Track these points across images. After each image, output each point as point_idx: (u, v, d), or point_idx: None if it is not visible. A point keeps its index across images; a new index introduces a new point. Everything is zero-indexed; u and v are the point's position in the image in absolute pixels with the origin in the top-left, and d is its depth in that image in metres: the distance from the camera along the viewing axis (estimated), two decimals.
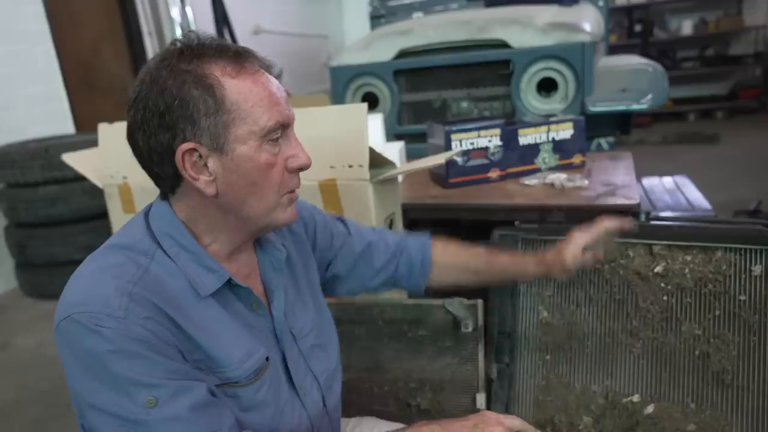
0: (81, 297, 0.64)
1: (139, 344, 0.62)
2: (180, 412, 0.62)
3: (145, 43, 4.33)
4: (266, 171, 0.70)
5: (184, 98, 0.66)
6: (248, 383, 0.73)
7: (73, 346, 0.63)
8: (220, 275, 0.72)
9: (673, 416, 1.11)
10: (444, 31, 2.22)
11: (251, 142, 0.68)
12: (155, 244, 0.71)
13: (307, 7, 6.94)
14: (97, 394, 0.63)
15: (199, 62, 0.67)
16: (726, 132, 5.49)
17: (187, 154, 0.67)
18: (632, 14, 6.61)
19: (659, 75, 2.11)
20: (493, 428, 0.70)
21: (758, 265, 1.06)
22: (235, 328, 0.74)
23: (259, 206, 0.72)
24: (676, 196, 1.96)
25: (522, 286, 1.26)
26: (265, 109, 0.69)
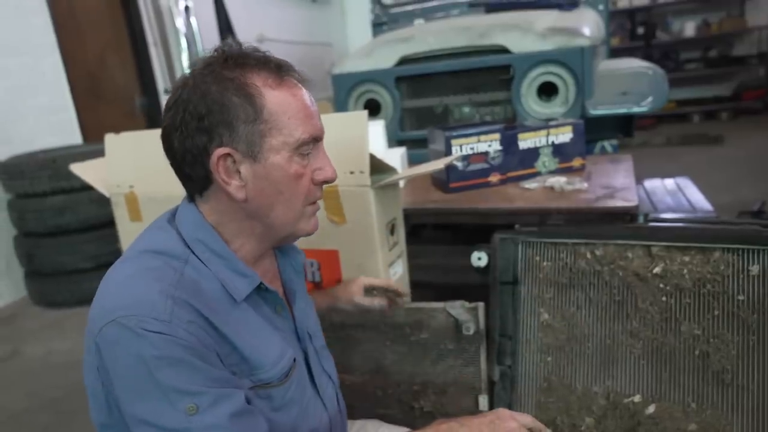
0: (124, 301, 0.64)
1: (183, 350, 0.62)
2: (220, 421, 0.63)
3: (151, 54, 4.39)
4: (295, 181, 0.73)
5: (225, 104, 0.68)
6: (280, 384, 0.75)
7: (118, 350, 0.63)
8: (252, 280, 0.74)
9: (674, 416, 1.12)
10: (444, 38, 2.24)
11: (284, 153, 0.71)
12: (187, 249, 0.72)
13: (310, 15, 7.01)
14: (138, 401, 0.63)
15: (242, 71, 0.69)
16: (730, 133, 5.48)
17: (222, 159, 0.69)
18: (635, 17, 6.63)
19: (659, 78, 2.12)
20: (507, 424, 0.75)
21: (756, 265, 1.07)
22: (267, 330, 0.76)
23: (286, 215, 0.75)
24: (677, 197, 1.97)
25: (523, 288, 1.27)
26: (300, 122, 0.71)
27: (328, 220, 1.30)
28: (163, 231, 0.75)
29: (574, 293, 1.23)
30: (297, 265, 0.87)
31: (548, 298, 1.25)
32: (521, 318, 1.27)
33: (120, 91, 4.23)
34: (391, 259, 1.35)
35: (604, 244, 1.20)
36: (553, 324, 1.24)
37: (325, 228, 1.33)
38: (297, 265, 0.87)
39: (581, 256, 1.22)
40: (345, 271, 1.35)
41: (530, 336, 1.27)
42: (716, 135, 5.37)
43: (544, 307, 1.26)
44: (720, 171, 4.12)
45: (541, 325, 1.26)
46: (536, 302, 1.26)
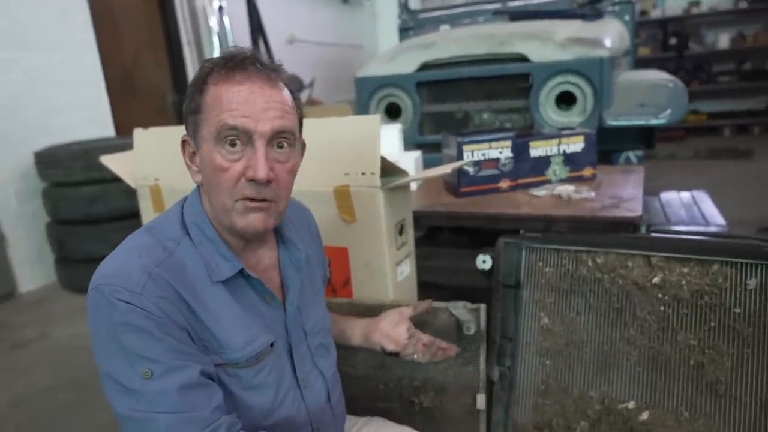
0: (109, 271, 0.73)
1: (147, 320, 0.70)
2: (169, 388, 0.69)
3: (184, 52, 4.52)
4: (218, 173, 0.76)
5: (189, 97, 0.78)
6: (248, 365, 0.80)
7: (95, 312, 0.72)
8: (234, 265, 0.79)
9: (666, 424, 1.14)
10: (466, 45, 2.28)
11: (209, 142, 0.76)
12: (184, 230, 0.80)
13: (341, 16, 7.10)
14: (107, 358, 0.71)
15: (209, 69, 0.77)
16: (761, 148, 5.37)
17: (186, 144, 0.81)
18: (667, 27, 6.53)
19: (679, 90, 2.12)
20: None
21: (753, 279, 1.08)
22: (242, 315, 0.80)
23: (217, 203, 0.78)
24: (691, 210, 1.97)
25: (525, 292, 1.30)
26: (221, 113, 0.74)
27: (340, 219, 1.36)
28: (172, 212, 0.84)
29: (575, 299, 1.26)
30: (295, 261, 0.90)
31: (549, 303, 1.28)
32: (522, 321, 1.30)
33: (153, 88, 4.38)
34: (398, 259, 1.40)
35: (606, 252, 1.22)
36: (553, 328, 1.27)
37: (335, 226, 1.39)
38: (295, 261, 0.90)
39: (583, 263, 1.25)
40: (354, 268, 1.40)
41: (530, 339, 1.30)
42: (746, 149, 5.27)
43: (544, 311, 1.29)
44: (746, 186, 4.04)
45: (541, 329, 1.29)
46: (537, 306, 1.30)
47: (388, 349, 1.04)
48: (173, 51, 4.51)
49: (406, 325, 1.06)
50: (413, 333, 1.06)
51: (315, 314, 0.94)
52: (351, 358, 1.37)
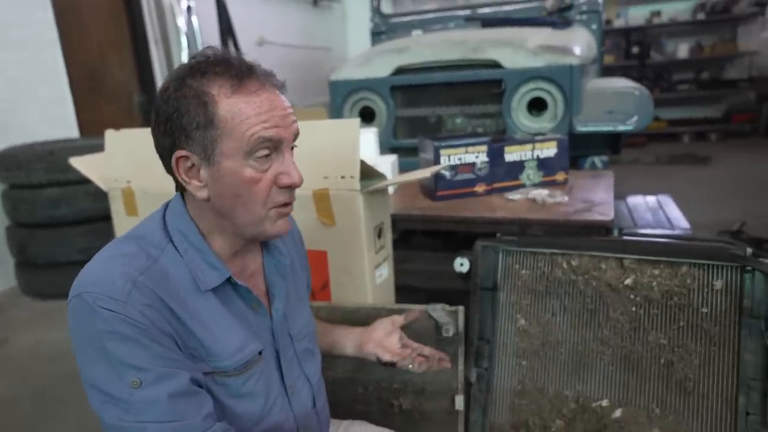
0: (91, 278, 0.70)
1: (133, 328, 0.68)
2: (159, 397, 0.68)
3: (151, 52, 4.43)
4: (250, 186, 0.75)
5: (181, 110, 0.72)
6: (237, 374, 0.79)
7: (78, 321, 0.70)
8: (222, 273, 0.78)
9: (638, 420, 1.18)
10: (439, 50, 2.31)
11: (237, 158, 0.73)
12: (167, 238, 0.78)
13: (310, 19, 7.07)
14: (91, 368, 0.69)
15: (202, 79, 0.72)
16: (718, 154, 5.59)
17: (181, 160, 0.75)
18: (630, 36, 6.74)
19: (645, 98, 2.20)
20: None
21: (719, 280, 1.13)
22: (231, 322, 0.79)
23: (246, 217, 0.77)
24: (657, 214, 2.04)
25: (502, 295, 1.33)
26: (250, 126, 0.72)
27: (319, 222, 1.36)
28: (153, 219, 0.81)
29: (550, 301, 1.28)
30: (280, 267, 0.90)
31: (525, 305, 1.31)
32: (499, 323, 1.33)
33: (119, 87, 4.27)
34: (377, 262, 1.41)
35: (580, 255, 1.26)
36: (529, 329, 1.30)
37: (314, 229, 1.38)
38: (280, 267, 0.90)
39: (558, 265, 1.28)
40: (333, 272, 1.40)
41: (507, 340, 1.32)
42: (704, 156, 5.48)
43: (521, 313, 1.31)
44: (705, 191, 4.21)
45: (517, 330, 1.31)
46: (514, 308, 1.32)
47: (384, 360, 1.04)
48: (140, 50, 4.41)
49: (399, 334, 1.07)
50: (405, 342, 1.07)
51: (300, 319, 0.94)
52: (330, 361, 1.36)
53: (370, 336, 1.06)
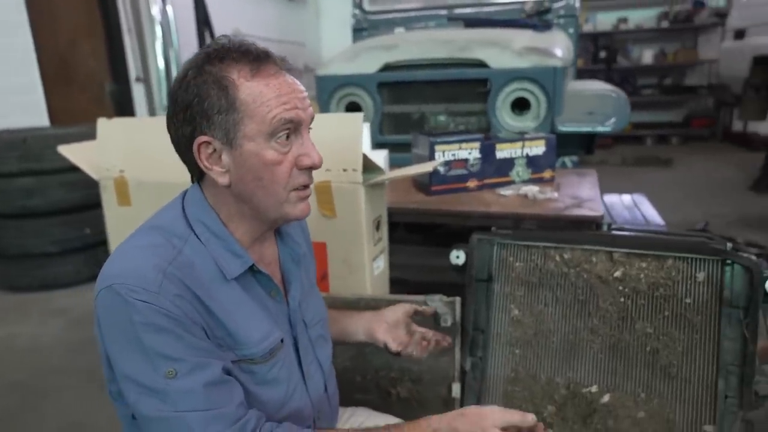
0: (121, 270, 0.71)
1: (167, 319, 0.69)
2: (195, 386, 0.69)
3: (124, 41, 4.32)
4: (272, 167, 0.76)
5: (202, 96, 0.73)
6: (263, 361, 0.80)
7: (110, 313, 0.70)
8: (245, 261, 0.79)
9: (625, 404, 1.25)
10: (427, 48, 2.35)
11: (259, 140, 0.74)
12: (189, 228, 0.78)
13: (285, 13, 7.02)
14: (126, 360, 0.70)
15: (221, 65, 0.73)
16: (679, 157, 5.84)
17: (203, 146, 0.75)
18: (598, 41, 6.96)
19: (622, 101, 2.29)
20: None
21: (701, 272, 1.21)
22: (255, 310, 0.81)
23: (268, 199, 0.78)
24: (633, 212, 2.14)
25: (496, 286, 1.38)
26: (272, 109, 0.74)
27: (320, 214, 1.38)
28: (173, 209, 0.82)
29: (543, 292, 1.34)
30: (295, 255, 0.92)
31: (519, 296, 1.36)
32: (493, 313, 1.38)
33: (90, 76, 4.16)
34: (375, 254, 1.44)
35: (572, 248, 1.32)
36: (523, 319, 1.36)
37: (314, 221, 1.40)
38: (295, 255, 0.92)
39: (551, 258, 1.34)
40: (331, 263, 1.42)
41: (501, 330, 1.37)
42: (667, 158, 5.72)
43: (514, 303, 1.37)
44: (669, 191, 4.39)
45: (511, 320, 1.37)
46: (508, 299, 1.37)
47: (392, 349, 1.06)
48: (112, 38, 4.30)
49: (407, 322, 1.09)
50: (413, 330, 1.09)
51: (313, 306, 0.96)
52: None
53: (380, 324, 1.08)
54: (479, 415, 0.77)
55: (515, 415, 0.77)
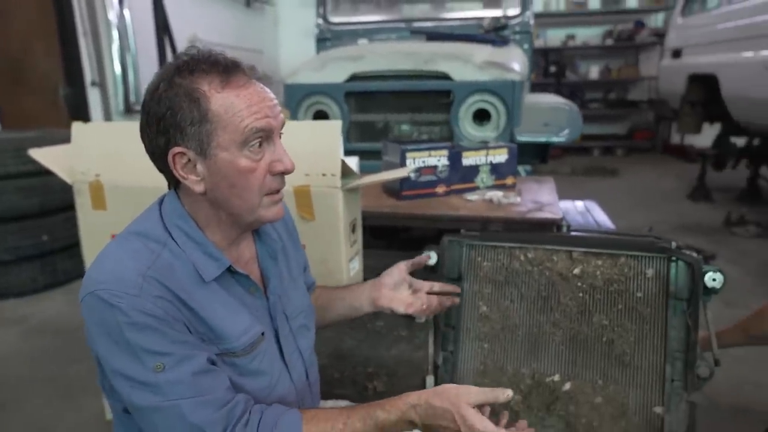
0: (103, 276, 0.76)
1: (150, 318, 0.74)
2: (183, 377, 0.74)
3: (80, 44, 4.22)
4: (246, 175, 0.79)
5: (174, 109, 0.76)
6: (244, 354, 0.85)
7: (95, 316, 0.75)
8: (222, 263, 0.84)
9: (585, 391, 1.36)
10: (393, 60, 2.44)
11: (232, 149, 0.78)
12: (166, 233, 0.83)
13: (243, 20, 7.00)
14: (115, 358, 0.74)
15: (191, 77, 0.76)
16: (624, 167, 6.18)
17: (178, 157, 0.79)
18: (548, 56, 7.28)
19: (575, 113, 2.46)
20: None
21: (650, 269, 1.34)
22: (235, 307, 0.86)
23: (242, 205, 0.82)
24: (586, 217, 2.30)
25: (466, 284, 1.47)
26: (244, 119, 0.77)
27: (299, 217, 1.44)
28: (151, 215, 0.86)
29: (509, 289, 1.44)
30: (272, 252, 0.97)
31: (487, 293, 1.46)
32: (463, 310, 1.46)
33: (43, 79, 4.04)
34: (351, 255, 1.51)
35: (535, 248, 1.42)
36: (490, 315, 1.45)
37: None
38: (272, 252, 0.97)
39: (515, 258, 1.44)
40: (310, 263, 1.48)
41: (470, 325, 1.46)
42: (613, 168, 6.04)
43: (483, 300, 1.46)
44: (616, 199, 4.66)
45: (480, 316, 1.46)
46: (476, 297, 1.46)
47: (400, 313, 1.10)
48: (67, 41, 4.19)
49: (407, 281, 1.13)
50: (416, 287, 1.13)
51: (295, 298, 1.01)
52: None
53: (380, 291, 1.13)
54: (455, 393, 0.80)
55: (489, 394, 0.80)
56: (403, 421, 0.80)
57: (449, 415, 0.78)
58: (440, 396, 0.80)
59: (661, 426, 1.30)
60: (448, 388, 0.82)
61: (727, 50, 3.94)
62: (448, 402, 0.79)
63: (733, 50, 3.84)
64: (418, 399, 0.81)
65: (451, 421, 0.78)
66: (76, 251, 3.05)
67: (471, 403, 0.79)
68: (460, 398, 0.79)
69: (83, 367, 2.17)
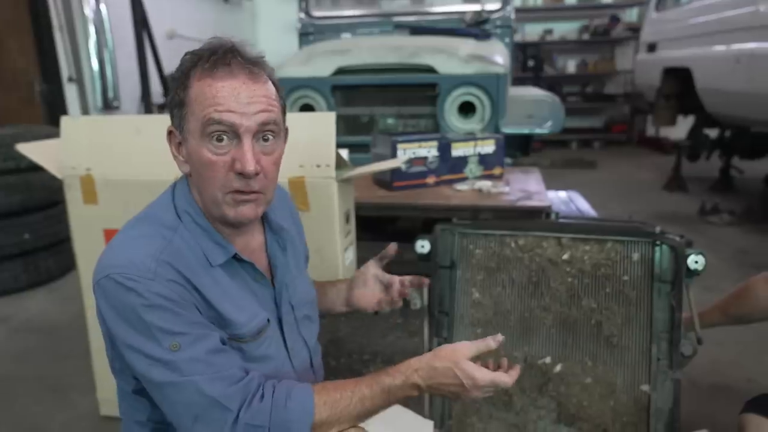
0: (118, 260, 0.78)
1: (165, 300, 0.76)
2: (198, 355, 0.76)
3: (55, 38, 4.13)
4: (207, 166, 0.80)
5: (173, 89, 0.83)
6: (252, 339, 0.88)
7: (111, 299, 0.77)
8: (227, 250, 0.86)
9: (575, 372, 1.41)
10: (379, 54, 2.46)
11: (196, 137, 0.80)
12: (178, 219, 0.85)
13: (221, 15, 6.93)
14: (132, 338, 0.76)
15: (192, 63, 0.81)
16: (602, 159, 6.30)
17: (172, 135, 0.85)
18: (526, 51, 7.36)
19: (557, 105, 2.51)
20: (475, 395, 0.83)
21: (636, 253, 1.39)
22: (241, 293, 0.88)
23: (207, 195, 0.83)
24: (569, 206, 2.35)
25: (458, 272, 1.50)
26: (204, 108, 0.78)
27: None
28: (163, 202, 0.88)
29: (500, 276, 1.48)
30: (281, 242, 0.99)
31: (479, 280, 1.49)
32: (457, 297, 1.50)
33: (18, 75, 3.95)
34: (346, 245, 1.53)
35: (525, 235, 1.47)
36: (483, 301, 1.49)
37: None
38: (281, 242, 0.99)
39: (506, 245, 1.48)
40: None
41: (464, 312, 1.50)
42: (591, 160, 6.16)
43: (475, 287, 1.50)
44: (594, 190, 4.74)
45: (472, 303, 1.50)
46: (469, 284, 1.50)
47: (369, 311, 1.14)
48: (41, 36, 4.10)
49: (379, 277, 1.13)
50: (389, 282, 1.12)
51: (300, 289, 1.03)
52: None
53: (352, 291, 1.15)
54: (451, 350, 0.85)
55: (481, 344, 0.85)
56: (408, 385, 0.83)
57: (450, 372, 0.82)
58: (439, 356, 0.84)
59: (648, 403, 1.36)
60: (445, 347, 0.86)
61: (700, 44, 4.05)
62: (447, 360, 0.83)
63: (706, 44, 3.95)
64: (419, 363, 0.85)
65: (453, 377, 0.82)
66: (59, 249, 3.04)
67: (467, 356, 0.83)
68: (456, 354, 0.83)
69: (71, 365, 2.15)
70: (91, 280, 0.81)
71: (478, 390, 0.82)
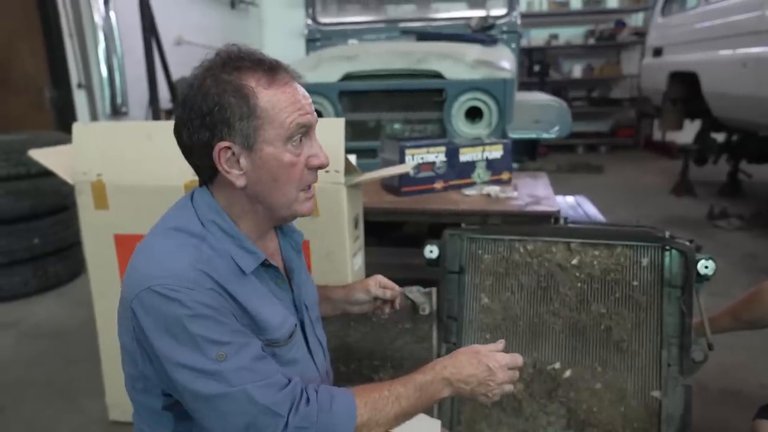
0: (156, 272, 0.77)
1: (208, 309, 0.76)
2: (244, 363, 0.76)
3: (65, 44, 4.17)
4: (288, 168, 0.83)
5: (223, 104, 0.78)
6: (285, 344, 0.89)
7: (153, 311, 0.76)
8: (258, 256, 0.86)
9: (584, 378, 1.41)
10: (387, 60, 2.47)
11: (277, 143, 0.81)
12: (203, 228, 0.84)
13: (228, 21, 6.98)
14: (175, 351, 0.75)
15: (238, 74, 0.80)
16: (608, 164, 6.29)
17: (223, 151, 0.80)
18: (532, 55, 7.37)
19: (564, 110, 2.51)
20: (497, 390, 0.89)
21: (646, 258, 1.39)
22: (270, 299, 0.89)
23: (281, 198, 0.85)
24: (577, 210, 2.35)
25: (467, 277, 1.50)
26: (288, 115, 0.80)
27: None
28: (185, 211, 0.87)
29: (509, 281, 1.48)
30: (296, 245, 1.00)
31: (488, 285, 1.50)
32: (465, 302, 1.50)
33: (29, 80, 3.99)
34: (354, 250, 1.54)
35: (534, 240, 1.47)
36: (492, 306, 1.49)
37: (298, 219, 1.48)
38: (296, 245, 1.00)
39: (515, 250, 1.48)
40: (314, 259, 1.50)
41: (472, 317, 1.50)
42: (597, 165, 6.14)
43: (484, 292, 1.50)
44: (601, 195, 4.73)
45: (481, 308, 1.50)
46: (478, 289, 1.50)
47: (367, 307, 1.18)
48: (52, 42, 4.14)
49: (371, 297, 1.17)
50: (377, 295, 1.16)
51: (310, 290, 1.05)
52: None
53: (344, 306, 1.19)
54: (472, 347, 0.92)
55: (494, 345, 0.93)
56: (438, 379, 0.87)
57: (474, 360, 0.89)
58: (460, 351, 0.92)
59: (658, 409, 1.35)
60: (467, 347, 0.94)
61: (706, 48, 4.04)
62: (468, 351, 0.91)
63: (712, 48, 3.94)
64: (445, 359, 0.91)
65: (478, 364, 0.88)
66: (68, 254, 3.06)
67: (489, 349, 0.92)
68: (475, 346, 0.93)
69: (81, 369, 2.16)
70: (101, 286, 0.81)
71: (503, 371, 0.89)
